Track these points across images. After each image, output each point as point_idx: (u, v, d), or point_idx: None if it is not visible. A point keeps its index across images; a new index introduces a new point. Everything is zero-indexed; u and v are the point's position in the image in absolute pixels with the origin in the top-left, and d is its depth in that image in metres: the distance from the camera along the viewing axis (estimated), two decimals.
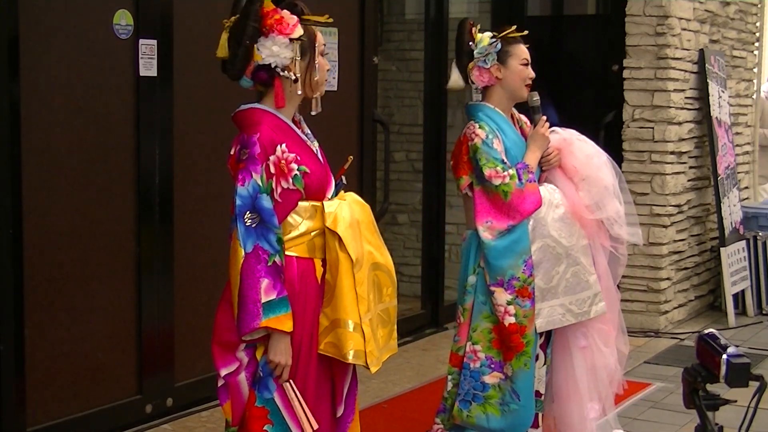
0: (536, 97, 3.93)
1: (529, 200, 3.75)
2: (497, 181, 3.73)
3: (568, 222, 3.85)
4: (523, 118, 4.04)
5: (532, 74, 3.91)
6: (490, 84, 3.89)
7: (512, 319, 3.75)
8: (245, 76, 2.99)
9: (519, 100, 3.94)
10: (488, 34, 3.89)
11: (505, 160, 3.78)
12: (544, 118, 3.91)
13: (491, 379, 3.82)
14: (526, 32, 3.95)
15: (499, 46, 3.85)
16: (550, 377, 3.99)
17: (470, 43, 3.86)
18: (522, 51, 3.89)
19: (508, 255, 3.75)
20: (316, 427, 3.01)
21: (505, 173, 3.73)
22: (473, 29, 3.89)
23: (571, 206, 3.88)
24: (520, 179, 3.73)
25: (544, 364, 3.94)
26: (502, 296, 3.76)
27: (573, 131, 4.04)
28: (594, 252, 3.95)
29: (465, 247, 3.92)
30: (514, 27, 3.92)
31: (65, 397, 4.33)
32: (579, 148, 3.98)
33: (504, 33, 3.88)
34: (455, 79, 3.95)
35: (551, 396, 4.01)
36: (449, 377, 3.94)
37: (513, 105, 3.97)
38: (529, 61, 3.90)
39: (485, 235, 3.76)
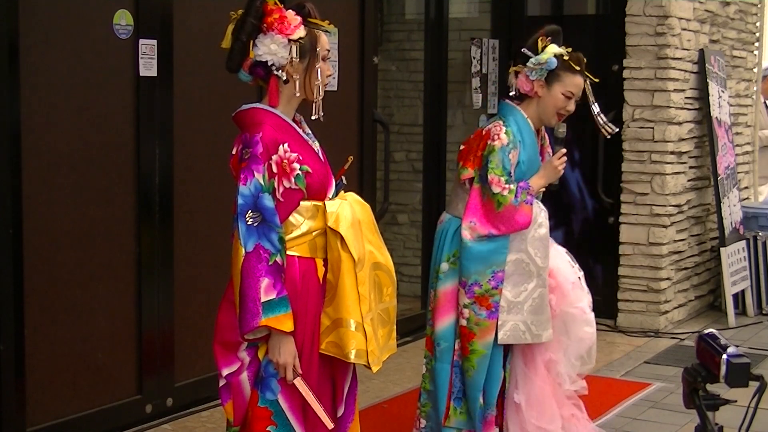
0: (563, 128, 3.91)
1: (518, 219, 3.77)
2: (496, 189, 3.76)
3: (546, 244, 3.87)
4: (547, 138, 4.03)
5: (571, 108, 3.87)
6: (529, 95, 3.89)
7: (464, 323, 3.82)
8: (243, 70, 3.00)
9: (546, 124, 3.94)
10: (556, 50, 3.83)
11: (512, 173, 3.79)
12: (564, 151, 3.90)
13: None
14: (584, 60, 3.89)
15: (554, 65, 3.80)
16: (511, 391, 3.99)
17: (523, 49, 3.84)
18: (572, 83, 3.84)
19: (480, 261, 3.79)
20: (331, 426, 3.03)
21: (507, 186, 3.75)
22: (541, 40, 3.83)
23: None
24: (516, 196, 3.75)
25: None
26: (462, 297, 3.83)
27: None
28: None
29: (441, 230, 3.96)
30: (575, 54, 3.87)
31: (65, 397, 4.33)
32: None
33: (565, 56, 3.83)
34: (511, 83, 3.97)
35: (513, 409, 4.00)
36: (424, 361, 4.02)
37: (542, 124, 3.96)
38: (575, 94, 3.85)
39: (465, 233, 3.80)
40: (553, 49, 3.83)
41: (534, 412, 3.93)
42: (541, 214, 3.86)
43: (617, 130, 3.92)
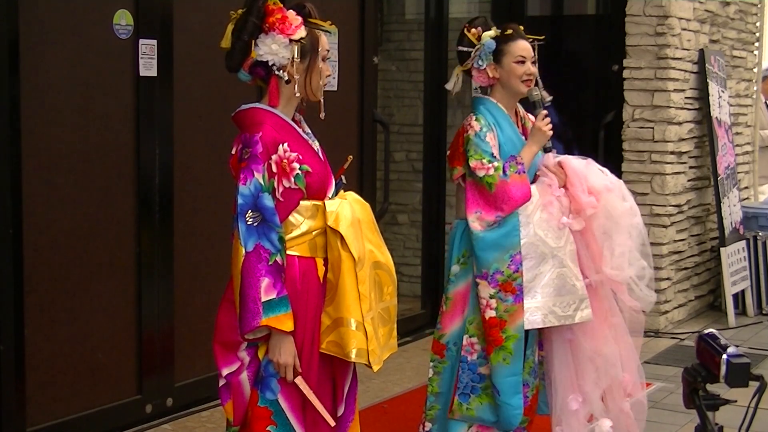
0: (536, 92, 3.92)
1: (515, 191, 3.74)
2: (481, 173, 3.76)
3: (555, 224, 3.85)
4: (529, 116, 4.04)
5: (530, 70, 3.87)
6: (490, 84, 3.91)
7: (492, 313, 3.78)
8: (243, 70, 3.00)
9: (520, 96, 3.95)
10: (491, 33, 3.85)
11: (496, 154, 3.79)
12: (544, 113, 3.89)
13: (486, 370, 3.85)
14: (521, 27, 3.92)
15: (493, 46, 3.84)
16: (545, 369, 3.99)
17: (459, 46, 3.88)
18: (517, 48, 3.85)
19: (495, 248, 3.77)
20: (333, 424, 3.04)
21: (490, 165, 3.75)
22: (469, 30, 3.87)
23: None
24: (504, 171, 3.75)
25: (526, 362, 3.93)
26: (485, 289, 3.79)
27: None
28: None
29: (451, 236, 3.97)
30: (506, 25, 3.90)
31: (65, 397, 4.33)
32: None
33: (498, 33, 3.85)
34: (452, 83, 3.99)
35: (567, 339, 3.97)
36: (431, 364, 3.99)
37: (516, 101, 3.97)
38: (527, 57, 3.86)
39: (474, 225, 3.78)
40: (489, 33, 3.87)
41: (589, 341, 3.89)
42: (546, 195, 3.84)
43: (549, 98, 3.95)
